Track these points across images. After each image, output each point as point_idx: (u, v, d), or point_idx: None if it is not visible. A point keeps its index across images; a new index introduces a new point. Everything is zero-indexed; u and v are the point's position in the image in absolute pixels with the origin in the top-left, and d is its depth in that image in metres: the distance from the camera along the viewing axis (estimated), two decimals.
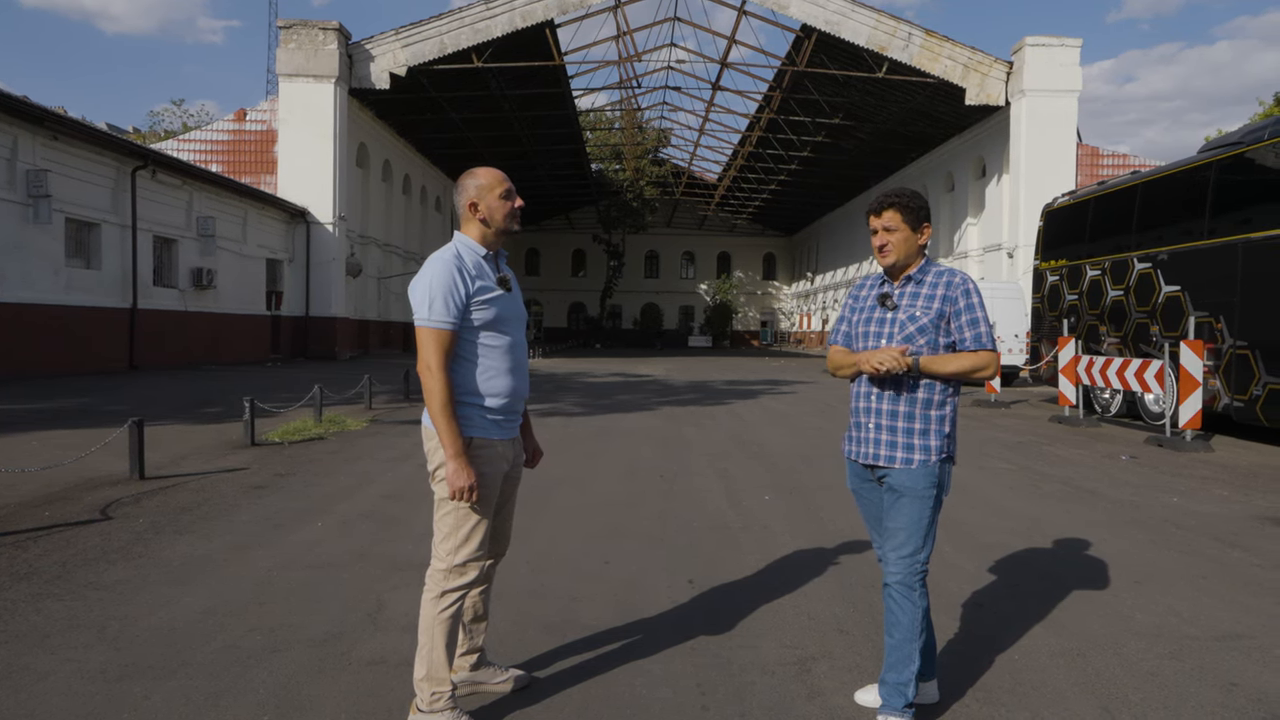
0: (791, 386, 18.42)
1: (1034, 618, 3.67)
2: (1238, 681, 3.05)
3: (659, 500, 6.11)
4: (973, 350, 2.61)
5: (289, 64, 26.16)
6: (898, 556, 2.61)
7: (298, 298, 27.19)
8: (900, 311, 2.67)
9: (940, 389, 2.64)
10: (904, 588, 2.60)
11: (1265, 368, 9.19)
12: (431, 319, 2.51)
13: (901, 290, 2.71)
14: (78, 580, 4.01)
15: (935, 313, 2.63)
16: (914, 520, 2.61)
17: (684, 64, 38.20)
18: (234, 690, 2.86)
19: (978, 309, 2.64)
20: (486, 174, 2.67)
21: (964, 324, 2.63)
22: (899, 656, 2.60)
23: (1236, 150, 9.93)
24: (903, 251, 2.68)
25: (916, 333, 2.62)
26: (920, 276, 2.70)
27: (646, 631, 3.46)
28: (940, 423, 2.64)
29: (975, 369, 2.61)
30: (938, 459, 2.62)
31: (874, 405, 2.68)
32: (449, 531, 2.60)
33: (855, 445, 2.75)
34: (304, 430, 9.08)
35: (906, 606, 2.59)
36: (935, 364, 2.60)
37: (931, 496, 2.62)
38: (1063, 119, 25.63)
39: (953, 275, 2.69)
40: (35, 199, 16.27)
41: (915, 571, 2.60)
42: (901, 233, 2.67)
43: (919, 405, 2.63)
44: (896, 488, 2.63)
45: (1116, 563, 4.57)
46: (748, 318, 66.96)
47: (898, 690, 2.59)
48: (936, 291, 2.65)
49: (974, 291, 2.67)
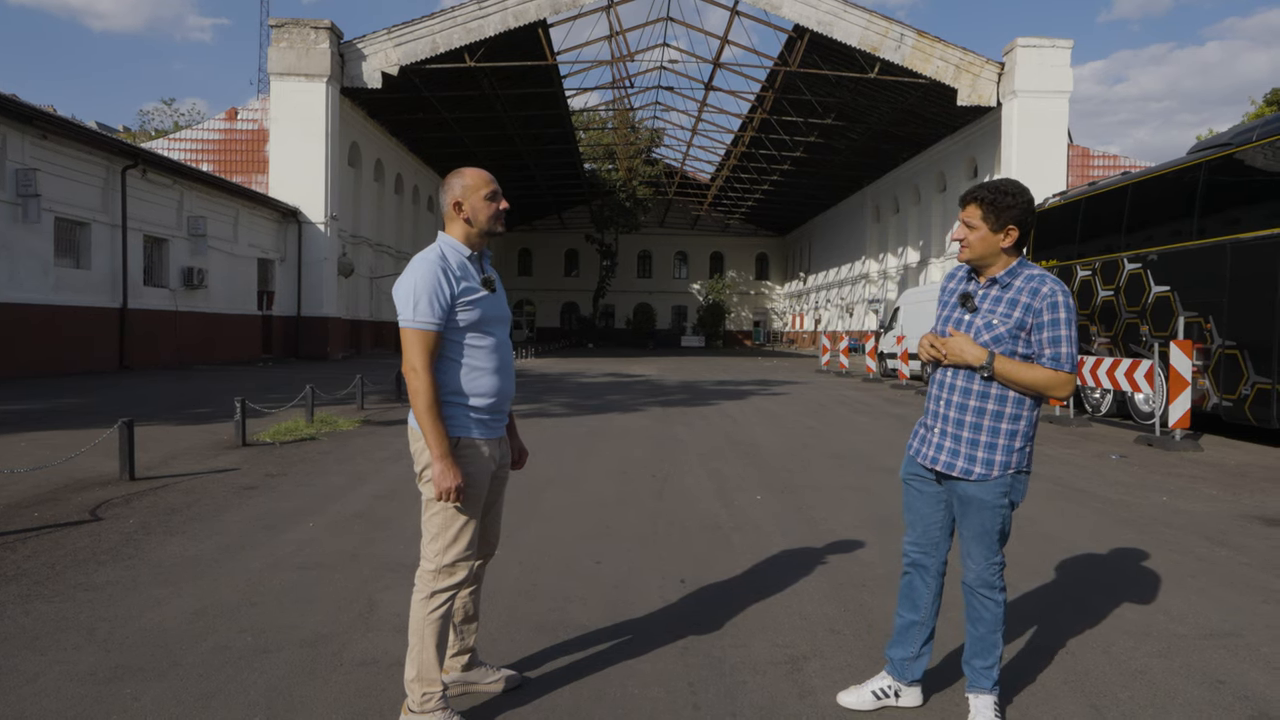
0: (784, 387, 18.44)
1: (1023, 616, 3.68)
2: (1225, 679, 3.07)
3: (651, 500, 6.12)
4: (1050, 370, 2.45)
5: (280, 63, 26.07)
6: (974, 561, 2.62)
7: (289, 298, 27.09)
8: (979, 316, 2.52)
9: (1014, 401, 2.50)
10: (985, 587, 2.62)
11: (1254, 367, 9.25)
12: (416, 320, 2.51)
13: (985, 292, 2.55)
14: (67, 581, 3.99)
15: (1015, 322, 2.46)
16: (986, 530, 2.58)
17: (677, 64, 38.26)
18: (225, 691, 2.85)
19: (1063, 325, 2.44)
20: (472, 174, 2.67)
21: (1045, 339, 2.46)
22: (983, 646, 2.65)
23: (1226, 151, 9.99)
24: (979, 251, 2.52)
25: (991, 341, 2.48)
26: (1008, 280, 2.52)
27: (638, 631, 3.46)
28: (1011, 437, 2.52)
29: (1049, 387, 2.45)
30: (1002, 474, 2.52)
31: (942, 410, 2.60)
32: (437, 532, 2.60)
33: (919, 444, 2.72)
34: (295, 430, 9.05)
35: (989, 604, 2.63)
36: (1011, 368, 2.45)
37: (1002, 507, 2.56)
38: (1054, 120, 25.73)
39: (1042, 283, 2.48)
40: (24, 198, 16.16)
41: (993, 572, 2.62)
42: (979, 232, 2.51)
43: (988, 417, 2.51)
44: (965, 498, 2.59)
45: (1105, 561, 4.60)
46: (740, 318, 67.02)
47: (984, 673, 2.66)
48: (1020, 299, 2.47)
49: (1063, 305, 2.44)
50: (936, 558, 2.75)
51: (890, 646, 2.82)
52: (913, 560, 2.77)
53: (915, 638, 2.76)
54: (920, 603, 2.76)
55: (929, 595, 2.75)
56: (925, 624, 2.76)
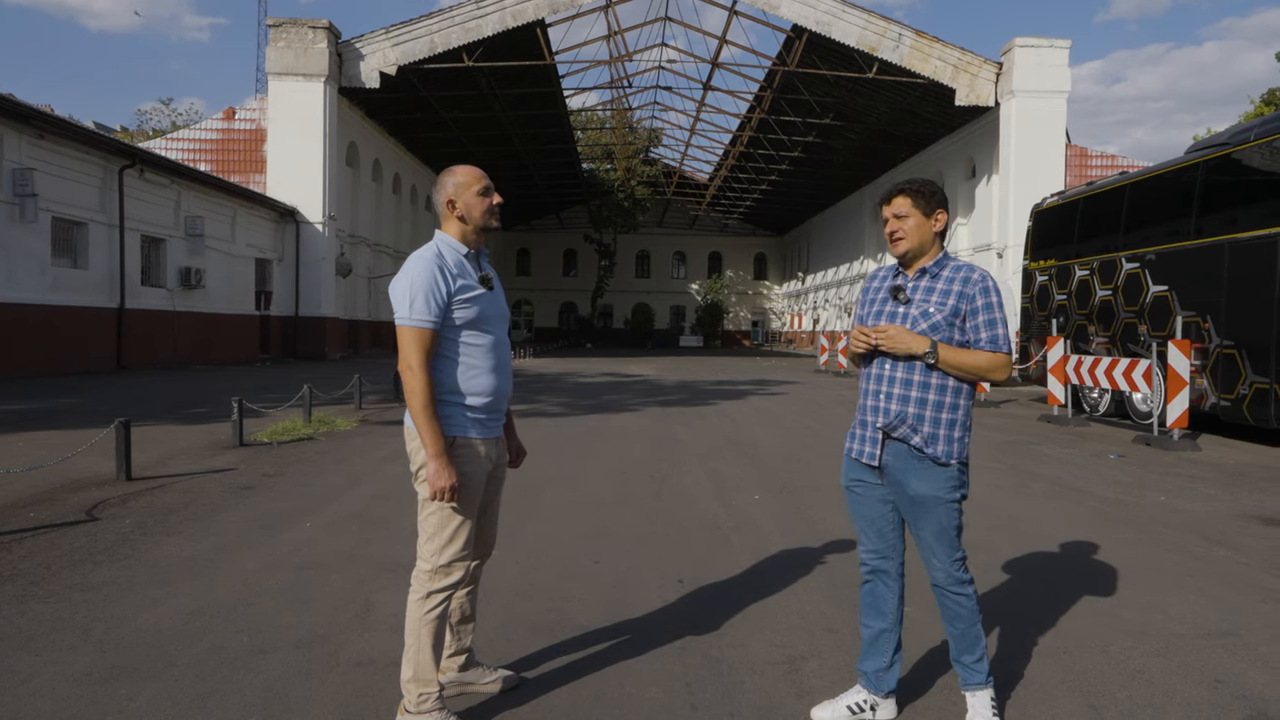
0: (782, 386, 18.44)
1: (1021, 616, 3.68)
2: (1223, 679, 3.07)
3: (649, 500, 6.11)
4: (990, 352, 2.51)
5: (278, 62, 26.03)
6: (939, 561, 2.59)
7: (287, 297, 27.06)
8: (913, 306, 2.55)
9: (952, 391, 2.53)
10: (954, 584, 2.60)
11: (1252, 367, 9.25)
12: (412, 318, 2.50)
13: (915, 283, 2.58)
14: (63, 582, 3.98)
15: (950, 309, 2.51)
16: (943, 527, 2.56)
17: (675, 64, 38.20)
18: (221, 692, 2.85)
19: (996, 309, 2.52)
20: (464, 171, 2.67)
21: (981, 324, 2.51)
22: (967, 641, 2.62)
23: (1223, 151, 10.00)
24: (916, 239, 2.56)
25: (929, 330, 2.51)
26: (936, 270, 2.57)
27: (636, 631, 3.46)
28: (951, 427, 2.53)
29: (990, 369, 2.50)
30: (948, 463, 2.54)
31: (883, 405, 2.58)
32: (433, 532, 2.59)
33: (858, 444, 2.67)
34: (293, 430, 9.04)
35: (962, 600, 2.60)
36: (953, 354, 2.49)
37: (954, 501, 2.56)
38: (1052, 120, 25.74)
39: (971, 271, 2.56)
40: (21, 198, 16.13)
41: (959, 568, 2.59)
42: (914, 219, 2.56)
43: (929, 408, 2.53)
44: (918, 500, 2.56)
45: (1104, 561, 4.60)
46: (739, 317, 67.00)
47: (974, 668, 2.63)
48: (953, 287, 2.53)
49: (994, 290, 2.53)
50: (895, 560, 2.70)
51: (862, 660, 2.75)
52: (872, 568, 2.72)
53: (885, 646, 2.70)
54: (886, 609, 2.71)
55: (894, 600, 2.71)
56: (893, 630, 2.71)
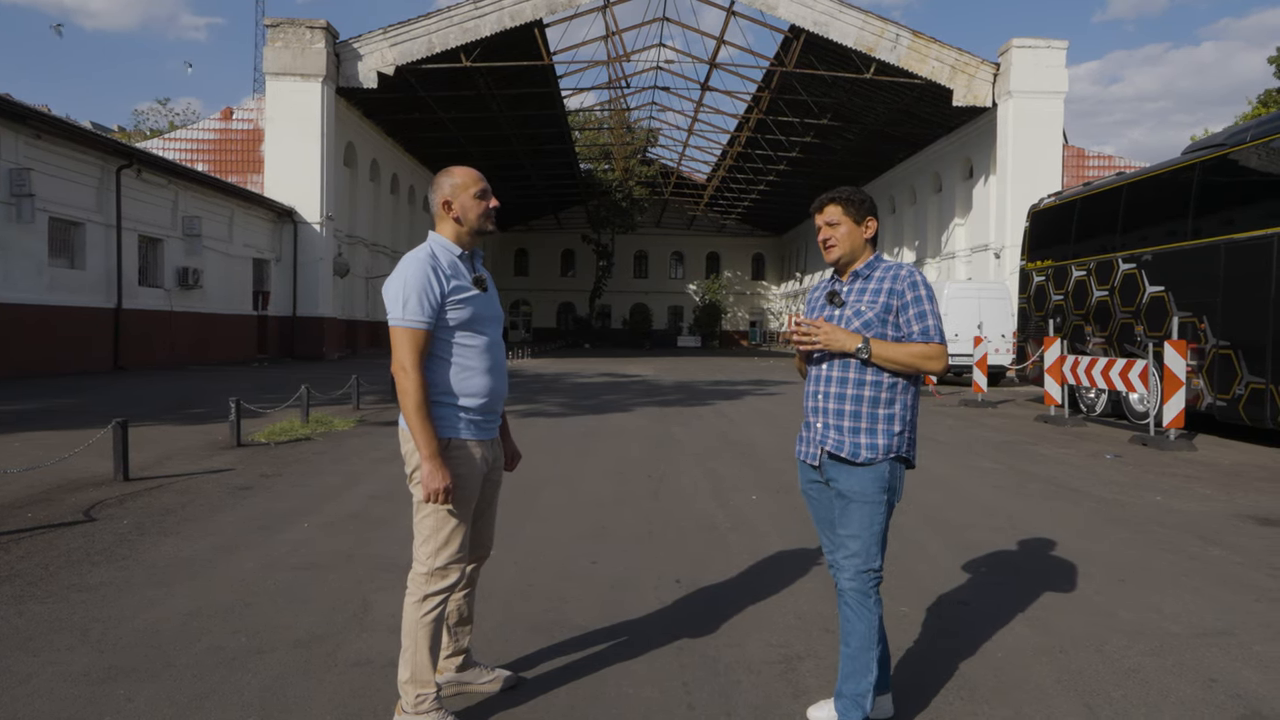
0: (779, 386, 18.46)
1: (1017, 615, 3.69)
2: (1218, 678, 3.08)
3: (647, 500, 6.12)
4: (922, 343, 2.56)
5: (276, 62, 26.01)
6: (851, 564, 2.54)
7: (285, 298, 27.03)
8: (847, 308, 2.63)
9: (888, 386, 2.56)
10: (859, 594, 2.53)
11: (1248, 367, 9.28)
12: (405, 318, 2.50)
13: (849, 287, 2.66)
14: (61, 582, 3.98)
15: (882, 306, 2.57)
16: (865, 526, 2.53)
17: (673, 64, 38.23)
18: (219, 692, 2.85)
19: (925, 301, 2.58)
20: (461, 173, 2.67)
21: (912, 317, 2.57)
22: (855, 666, 2.53)
23: (1220, 152, 10.02)
24: (847, 246, 2.64)
25: (862, 328, 2.57)
26: (868, 272, 2.65)
27: (634, 631, 3.46)
28: (889, 421, 2.56)
29: (924, 358, 2.53)
30: (885, 458, 2.53)
31: (821, 404, 2.62)
32: (429, 534, 2.58)
33: (804, 446, 2.70)
34: (290, 431, 9.03)
35: (863, 614, 2.53)
36: (885, 348, 2.53)
37: (882, 501, 2.54)
38: (1049, 120, 25.78)
39: (899, 269, 2.63)
40: (18, 198, 16.12)
41: (870, 579, 2.54)
42: (844, 226, 2.63)
43: (865, 404, 2.56)
44: (845, 493, 2.55)
45: (1099, 560, 4.61)
46: (737, 318, 67.01)
47: (855, 702, 2.52)
48: (884, 285, 2.60)
49: (921, 284, 2.60)
50: None
51: None
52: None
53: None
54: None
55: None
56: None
